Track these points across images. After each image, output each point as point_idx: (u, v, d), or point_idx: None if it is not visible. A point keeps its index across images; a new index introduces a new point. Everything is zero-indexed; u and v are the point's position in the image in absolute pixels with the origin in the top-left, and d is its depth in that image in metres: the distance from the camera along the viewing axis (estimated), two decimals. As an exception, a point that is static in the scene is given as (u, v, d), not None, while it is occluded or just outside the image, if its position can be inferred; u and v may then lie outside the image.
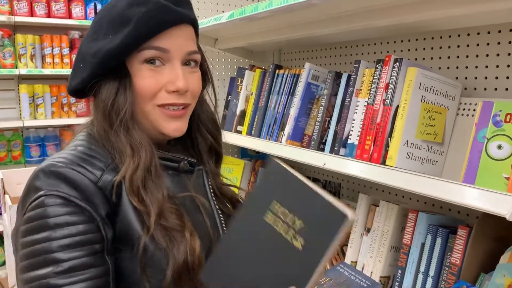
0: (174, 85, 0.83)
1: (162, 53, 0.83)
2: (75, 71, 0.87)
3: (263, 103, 1.68)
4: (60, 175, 0.75)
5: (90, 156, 0.80)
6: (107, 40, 0.81)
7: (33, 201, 0.75)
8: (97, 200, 0.76)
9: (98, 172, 0.78)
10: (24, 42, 3.26)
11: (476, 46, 1.25)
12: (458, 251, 1.07)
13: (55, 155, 0.81)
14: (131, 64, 0.83)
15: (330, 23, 1.42)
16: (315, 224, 0.66)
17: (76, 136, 0.89)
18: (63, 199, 0.74)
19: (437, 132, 1.20)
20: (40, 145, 3.50)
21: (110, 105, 0.82)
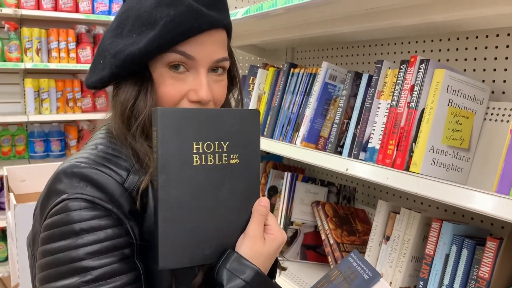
0: (197, 95, 0.77)
1: (188, 59, 0.76)
2: (95, 67, 0.81)
3: (276, 102, 1.62)
4: (84, 176, 0.70)
5: (114, 156, 0.75)
6: (131, 39, 0.76)
7: (54, 206, 0.69)
8: (124, 201, 0.71)
9: (123, 173, 0.73)
10: (30, 36, 3.21)
11: (505, 48, 1.19)
12: (487, 264, 1.01)
13: (75, 155, 0.76)
14: (153, 66, 0.77)
15: (350, 21, 1.36)
16: (238, 135, 0.72)
17: (96, 134, 0.83)
18: (88, 202, 0.68)
19: (464, 137, 1.14)
20: (45, 140, 3.45)
21: (129, 110, 0.76)
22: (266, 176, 1.82)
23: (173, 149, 0.67)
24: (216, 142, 0.70)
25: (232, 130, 0.72)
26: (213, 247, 0.71)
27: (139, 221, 0.73)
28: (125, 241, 0.70)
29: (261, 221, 0.73)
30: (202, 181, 0.69)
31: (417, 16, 1.18)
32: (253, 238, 0.72)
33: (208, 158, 0.70)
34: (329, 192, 1.67)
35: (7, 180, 1.79)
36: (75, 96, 3.43)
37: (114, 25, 0.80)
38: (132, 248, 0.71)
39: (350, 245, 1.45)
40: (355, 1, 1.23)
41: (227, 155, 0.71)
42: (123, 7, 0.81)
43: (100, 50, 0.80)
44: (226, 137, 0.71)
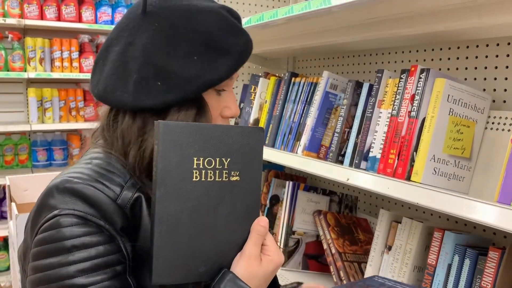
0: (231, 111, 0.82)
1: (230, 80, 0.81)
2: (150, 88, 0.74)
3: (278, 111, 1.63)
4: (76, 192, 0.69)
5: (108, 171, 0.74)
6: (199, 65, 0.75)
7: (46, 221, 0.68)
8: (117, 218, 0.70)
9: (117, 189, 0.72)
10: (33, 46, 3.24)
11: (506, 57, 1.19)
12: (490, 274, 1.01)
13: (69, 169, 0.75)
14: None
15: (351, 31, 1.36)
16: (240, 151, 0.71)
17: (89, 150, 0.83)
18: (80, 218, 0.67)
19: (465, 146, 1.13)
20: (47, 149, 3.46)
21: None
22: (268, 185, 1.81)
23: (173, 163, 0.67)
24: (217, 158, 0.69)
25: (234, 146, 0.71)
26: (208, 265, 0.70)
27: (132, 237, 0.72)
28: (117, 258, 0.69)
29: (258, 241, 0.72)
30: (201, 197, 0.69)
31: (418, 25, 1.19)
32: (249, 258, 0.71)
33: (208, 174, 0.69)
34: (331, 201, 1.67)
35: (9, 190, 1.79)
36: (78, 105, 3.45)
37: (157, 41, 0.75)
38: (124, 265, 0.70)
39: (352, 255, 1.45)
40: (355, 11, 1.23)
41: (228, 172, 0.70)
42: (157, 21, 0.76)
43: (153, 69, 0.74)
44: (228, 154, 0.70)
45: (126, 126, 0.77)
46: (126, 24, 0.80)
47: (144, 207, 0.73)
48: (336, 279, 1.40)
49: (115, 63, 0.78)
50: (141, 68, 0.74)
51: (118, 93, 0.76)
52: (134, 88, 0.74)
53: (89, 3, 3.36)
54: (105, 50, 0.81)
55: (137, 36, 0.77)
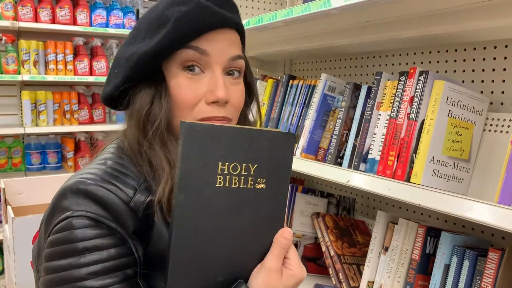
0: (214, 94, 0.74)
1: (202, 55, 0.74)
2: (109, 78, 0.80)
3: (275, 114, 1.63)
4: (89, 194, 0.68)
5: (122, 173, 0.73)
6: (144, 43, 0.75)
7: (58, 222, 0.68)
8: (129, 221, 0.69)
9: (130, 191, 0.71)
10: (27, 48, 3.22)
11: (503, 59, 1.20)
12: (489, 276, 1.01)
13: (83, 170, 0.74)
14: (167, 68, 0.76)
15: (349, 34, 1.37)
16: (267, 158, 0.66)
17: (106, 148, 0.81)
18: (92, 220, 0.67)
19: (464, 148, 1.14)
20: (41, 152, 3.44)
21: (144, 115, 0.74)
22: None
23: (196, 167, 0.62)
24: (243, 164, 0.65)
25: (263, 152, 0.66)
26: (226, 274, 0.66)
27: (144, 241, 0.71)
28: (128, 261, 0.68)
29: (281, 253, 0.68)
30: (223, 204, 0.65)
31: (416, 28, 1.20)
32: (269, 271, 0.67)
33: (232, 181, 0.64)
34: (329, 203, 1.67)
35: (4, 193, 1.78)
36: (72, 108, 3.43)
37: (128, 38, 0.80)
38: (135, 269, 0.69)
39: (350, 257, 1.45)
40: (354, 14, 1.24)
41: (254, 179, 0.66)
42: (137, 22, 0.82)
43: (114, 61, 0.80)
44: (255, 160, 0.65)
45: (126, 120, 0.81)
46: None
47: (158, 210, 0.71)
48: (335, 281, 1.40)
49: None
50: (114, 62, 0.80)
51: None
52: (106, 80, 0.81)
53: (84, 5, 3.35)
54: None
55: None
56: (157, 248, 0.71)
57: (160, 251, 0.70)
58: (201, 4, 0.74)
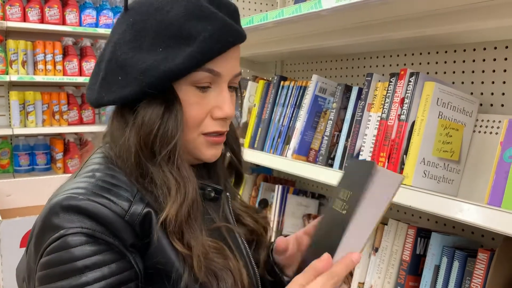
0: (223, 111, 0.75)
1: (214, 76, 0.73)
2: (110, 83, 0.73)
3: (266, 115, 1.63)
4: (82, 210, 0.65)
5: (113, 185, 0.70)
6: (160, 55, 0.70)
7: (52, 242, 0.64)
8: (125, 234, 0.67)
9: (125, 204, 0.68)
10: (16, 48, 3.18)
11: (493, 61, 1.21)
12: (479, 276, 1.01)
13: (71, 184, 0.70)
14: (178, 84, 0.73)
15: (340, 35, 1.37)
16: (354, 186, 0.71)
17: (91, 159, 0.77)
18: (89, 236, 0.64)
19: (454, 149, 1.15)
20: (30, 153, 3.40)
21: (154, 133, 0.71)
22: (257, 189, 1.81)
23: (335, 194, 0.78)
24: (347, 191, 0.73)
25: (354, 180, 0.73)
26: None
27: (142, 254, 0.69)
28: (130, 275, 0.67)
29: (310, 274, 0.68)
30: (328, 225, 0.78)
31: (407, 29, 1.20)
32: (293, 282, 0.68)
33: (338, 204, 0.74)
34: (320, 204, 1.67)
35: (-9, 195, 1.75)
36: (61, 109, 3.40)
37: (126, 37, 0.73)
38: (137, 282, 0.68)
39: (342, 258, 1.45)
40: (345, 15, 1.24)
41: (344, 206, 0.72)
42: (132, 16, 0.74)
43: (115, 64, 0.73)
44: (351, 187, 0.73)
45: (115, 127, 0.76)
46: (114, 24, 0.79)
47: (154, 222, 0.69)
48: (326, 283, 1.40)
49: (95, 65, 0.79)
50: (107, 64, 0.74)
51: (89, 91, 0.77)
52: (98, 85, 0.74)
53: (73, 5, 3.32)
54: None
55: (114, 34, 0.76)
56: (157, 260, 0.69)
57: (160, 264, 0.69)
58: (225, 23, 0.72)
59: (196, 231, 0.71)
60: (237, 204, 0.91)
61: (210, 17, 0.71)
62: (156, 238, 0.69)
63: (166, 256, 0.69)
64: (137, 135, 0.72)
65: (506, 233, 0.83)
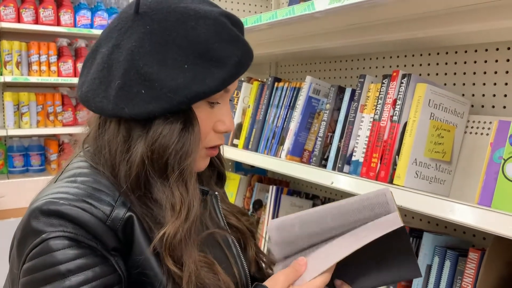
0: (225, 126, 0.77)
1: (225, 93, 0.76)
2: (130, 95, 0.69)
3: (261, 116, 1.63)
4: (63, 214, 0.64)
5: (95, 190, 0.69)
6: (188, 73, 0.69)
7: (33, 247, 0.63)
8: (107, 239, 0.66)
9: (106, 208, 0.67)
10: (10, 49, 3.17)
11: (484, 63, 1.22)
12: (470, 275, 1.03)
13: (52, 188, 0.69)
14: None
15: (333, 37, 1.38)
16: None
17: (72, 163, 0.76)
18: (71, 240, 0.63)
19: (446, 150, 1.16)
20: (24, 154, 3.39)
21: (172, 149, 0.70)
22: (251, 189, 1.82)
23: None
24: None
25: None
26: None
27: (125, 258, 0.69)
28: (114, 279, 0.66)
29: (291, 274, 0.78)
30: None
31: (399, 31, 1.21)
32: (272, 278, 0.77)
33: None
34: (314, 205, 1.68)
35: (-15, 196, 1.75)
36: (56, 110, 3.39)
37: (146, 46, 0.69)
38: (121, 285, 0.68)
39: (335, 258, 1.46)
40: (338, 17, 1.25)
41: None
42: (147, 23, 0.70)
43: (136, 75, 0.69)
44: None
45: (111, 135, 0.73)
46: (116, 25, 0.74)
47: (137, 226, 0.69)
48: (319, 283, 1.41)
49: (99, 66, 0.72)
50: (124, 73, 0.69)
51: (98, 98, 0.71)
52: (115, 95, 0.69)
53: (68, 6, 3.32)
54: (94, 52, 0.75)
55: (124, 38, 0.71)
56: (139, 269, 0.69)
57: (143, 275, 0.69)
58: (248, 47, 0.75)
59: (191, 249, 0.70)
60: (224, 204, 0.92)
61: (237, 41, 0.72)
62: (140, 247, 0.69)
63: (149, 265, 0.69)
64: (148, 148, 0.70)
65: (496, 233, 0.84)
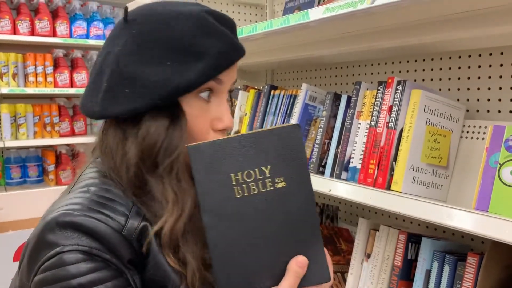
0: (224, 123, 0.77)
1: (218, 85, 0.75)
2: (115, 96, 0.72)
3: (258, 124, 1.64)
4: (78, 226, 0.64)
5: (109, 200, 0.69)
6: (169, 69, 0.71)
7: (47, 260, 0.63)
8: (123, 250, 0.66)
9: (121, 219, 0.67)
10: (6, 61, 3.17)
11: (478, 68, 1.23)
12: (469, 280, 1.03)
13: (65, 200, 0.69)
14: (182, 97, 0.74)
15: (329, 44, 1.39)
16: (278, 155, 0.65)
17: (84, 174, 0.76)
18: (85, 254, 0.63)
19: (442, 155, 1.17)
20: (21, 166, 3.38)
21: (159, 145, 0.71)
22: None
23: (211, 185, 0.63)
24: (256, 168, 0.64)
25: (272, 152, 0.65)
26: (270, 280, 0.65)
27: (140, 269, 0.69)
28: None
29: (296, 282, 0.65)
30: (250, 212, 0.64)
31: (393, 39, 1.22)
32: None
33: (250, 188, 0.64)
34: (312, 211, 1.68)
35: (-17, 209, 1.74)
36: (53, 121, 3.39)
37: (130, 48, 0.72)
38: None
39: (335, 265, 1.46)
40: (331, 26, 1.26)
41: (271, 180, 0.65)
42: (134, 28, 0.74)
43: (120, 76, 0.72)
44: (267, 161, 0.64)
45: (111, 140, 0.75)
46: (110, 34, 0.78)
47: (152, 235, 0.69)
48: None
49: (94, 75, 0.76)
50: (110, 76, 0.72)
51: (90, 103, 0.74)
52: (102, 97, 0.72)
53: (63, 17, 3.32)
54: (94, 63, 0.79)
55: (114, 44, 0.74)
56: (154, 276, 0.68)
57: (157, 277, 0.68)
58: (231, 40, 0.75)
59: (192, 245, 0.70)
60: None
61: (218, 34, 0.73)
62: (153, 251, 0.68)
63: (162, 268, 0.68)
64: (139, 147, 0.71)
65: (493, 238, 0.84)
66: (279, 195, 0.65)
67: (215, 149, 0.63)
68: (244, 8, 2.13)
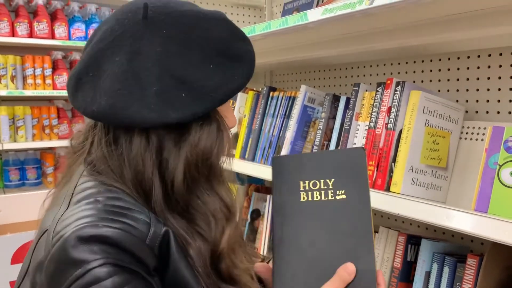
0: (230, 122, 0.78)
1: None
2: (171, 100, 0.67)
3: (257, 125, 1.64)
4: (103, 238, 0.60)
5: (126, 209, 0.65)
6: (221, 73, 0.70)
7: (77, 279, 0.58)
8: (148, 259, 0.64)
9: (143, 227, 0.64)
10: (4, 63, 3.17)
11: (476, 69, 1.23)
12: (469, 281, 1.03)
13: (75, 214, 0.64)
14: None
15: (327, 46, 1.39)
16: (342, 172, 0.75)
17: (82, 185, 0.71)
18: (116, 266, 0.60)
19: (441, 156, 1.16)
20: (20, 168, 3.38)
21: (215, 151, 0.71)
22: (249, 199, 1.81)
23: (283, 188, 0.75)
24: (321, 180, 0.75)
25: (338, 168, 0.75)
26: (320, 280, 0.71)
27: (161, 276, 0.67)
28: None
29: (339, 285, 0.68)
30: (310, 213, 0.74)
31: (392, 40, 1.22)
32: None
33: (314, 195, 0.75)
34: (312, 213, 1.68)
35: (-18, 212, 1.74)
36: (52, 123, 3.38)
37: (174, 50, 0.69)
38: None
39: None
40: (330, 27, 1.26)
41: (333, 191, 0.74)
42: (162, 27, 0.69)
43: (171, 79, 0.67)
44: (331, 175, 0.75)
45: (137, 150, 0.68)
46: (122, 32, 0.69)
47: (172, 242, 0.67)
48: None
49: (120, 76, 0.67)
50: (159, 79, 0.66)
51: (133, 109, 0.66)
52: (156, 102, 0.66)
53: (62, 19, 3.32)
54: (95, 63, 0.70)
55: (142, 44, 0.68)
56: (174, 281, 0.67)
57: (177, 286, 0.67)
58: (251, 44, 0.77)
59: (241, 257, 0.72)
60: None
61: (246, 39, 0.76)
62: (173, 257, 0.67)
63: (181, 274, 0.67)
64: (191, 154, 0.69)
65: (493, 239, 0.84)
66: (338, 205, 0.74)
67: (293, 161, 0.78)
68: (243, 9, 2.14)
